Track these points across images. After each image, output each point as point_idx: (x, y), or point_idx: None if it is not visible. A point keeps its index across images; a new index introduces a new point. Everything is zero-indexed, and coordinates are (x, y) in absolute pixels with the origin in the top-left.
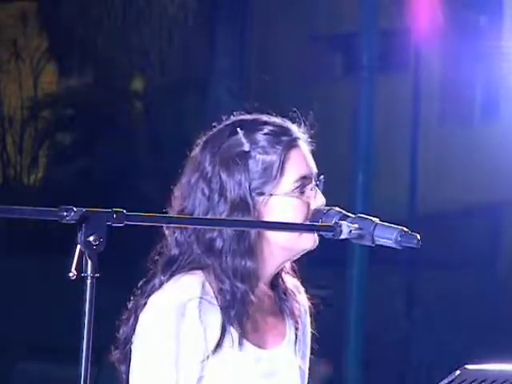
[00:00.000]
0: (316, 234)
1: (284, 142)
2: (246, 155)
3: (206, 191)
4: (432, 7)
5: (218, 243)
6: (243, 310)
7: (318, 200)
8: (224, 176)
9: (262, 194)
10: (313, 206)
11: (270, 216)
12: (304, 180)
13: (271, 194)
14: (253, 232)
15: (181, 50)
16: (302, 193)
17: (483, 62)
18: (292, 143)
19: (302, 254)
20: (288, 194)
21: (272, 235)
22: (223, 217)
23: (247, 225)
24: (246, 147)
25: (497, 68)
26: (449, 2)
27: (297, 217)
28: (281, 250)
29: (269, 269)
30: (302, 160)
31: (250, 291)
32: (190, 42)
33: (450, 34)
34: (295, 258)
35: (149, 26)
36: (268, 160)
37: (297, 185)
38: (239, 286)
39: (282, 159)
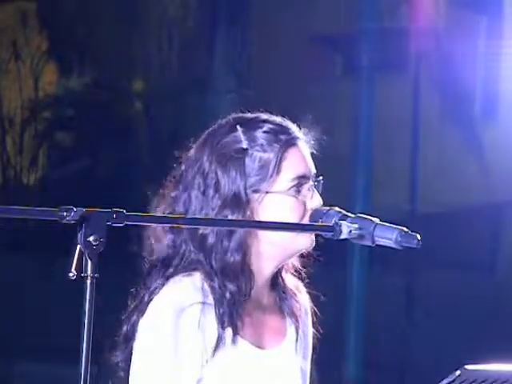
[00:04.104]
0: (313, 234)
1: (282, 140)
2: (243, 152)
3: (202, 186)
4: (432, 7)
5: (210, 239)
6: (233, 309)
7: (314, 200)
8: (220, 172)
9: (257, 191)
10: (309, 207)
11: (264, 213)
12: (301, 179)
13: (267, 192)
14: (243, 229)
15: (181, 50)
16: (299, 192)
17: (483, 61)
18: (290, 142)
19: (298, 253)
20: (284, 193)
21: (264, 233)
22: (215, 212)
23: (247, 225)
24: (244, 144)
25: (497, 68)
26: (449, 2)
27: (292, 216)
28: (276, 249)
29: (264, 267)
30: (299, 159)
31: (240, 290)
32: (190, 42)
33: (449, 34)
34: (291, 258)
35: (149, 26)
36: (265, 158)
37: (293, 184)
38: (228, 284)
39: (279, 157)
